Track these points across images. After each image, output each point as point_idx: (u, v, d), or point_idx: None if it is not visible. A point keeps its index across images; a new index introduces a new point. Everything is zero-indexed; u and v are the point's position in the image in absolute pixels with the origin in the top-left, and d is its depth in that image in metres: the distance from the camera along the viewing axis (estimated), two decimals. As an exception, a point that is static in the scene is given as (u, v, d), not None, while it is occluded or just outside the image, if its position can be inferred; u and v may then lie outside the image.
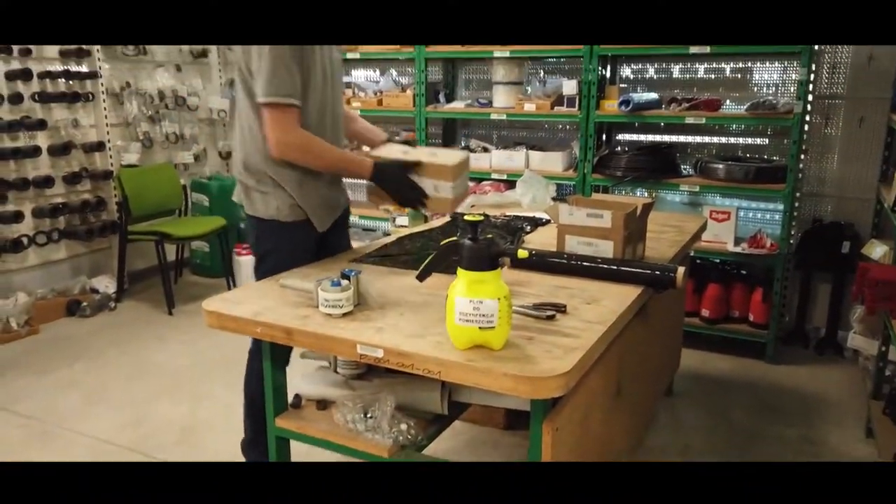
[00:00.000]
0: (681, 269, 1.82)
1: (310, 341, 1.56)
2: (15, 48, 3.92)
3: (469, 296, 1.38)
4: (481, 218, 1.43)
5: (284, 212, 2.09)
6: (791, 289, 3.69)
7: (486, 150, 4.09)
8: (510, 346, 1.45)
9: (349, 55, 4.31)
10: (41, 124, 4.04)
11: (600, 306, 1.70)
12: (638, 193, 3.92)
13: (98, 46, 4.36)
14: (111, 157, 4.51)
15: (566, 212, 2.02)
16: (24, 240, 4.06)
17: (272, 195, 2.09)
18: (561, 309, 1.65)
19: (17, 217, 3.98)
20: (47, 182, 4.11)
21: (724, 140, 3.83)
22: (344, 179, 2.30)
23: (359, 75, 4.88)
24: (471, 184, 3.99)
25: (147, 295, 4.59)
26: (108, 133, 4.48)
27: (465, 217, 1.44)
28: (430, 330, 1.54)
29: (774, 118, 3.35)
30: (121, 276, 4.48)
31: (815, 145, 3.63)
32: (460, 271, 1.41)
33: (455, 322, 1.40)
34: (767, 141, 3.73)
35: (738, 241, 3.53)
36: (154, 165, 4.77)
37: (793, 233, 3.48)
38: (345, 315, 1.62)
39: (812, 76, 3.31)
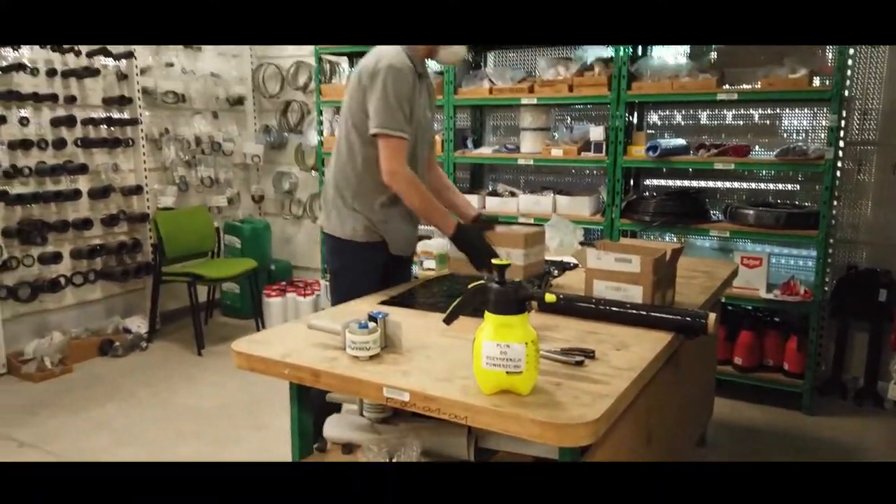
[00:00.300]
0: (712, 315, 1.80)
1: (336, 384, 1.56)
2: (61, 96, 4.10)
3: (496, 339, 1.38)
4: (508, 262, 1.44)
5: (360, 233, 2.34)
6: (827, 337, 3.60)
7: (513, 194, 4.12)
8: (538, 391, 1.43)
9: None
10: (83, 168, 4.19)
11: (630, 352, 1.68)
12: (667, 238, 3.90)
13: (140, 95, 4.53)
14: (148, 199, 4.64)
15: (594, 256, 2.02)
16: (62, 280, 4.17)
17: (353, 217, 2.34)
18: (590, 354, 1.63)
19: (56, 258, 4.10)
20: (86, 224, 4.24)
21: (753, 186, 3.81)
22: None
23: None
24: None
25: (178, 335, 4.65)
26: (146, 177, 4.62)
27: (493, 261, 1.44)
28: (456, 374, 1.53)
29: (805, 164, 3.33)
30: (153, 316, 4.55)
31: (847, 191, 3.58)
32: (487, 315, 1.41)
33: (482, 366, 1.39)
34: (798, 187, 3.69)
35: (770, 288, 3.47)
36: (189, 208, 4.89)
37: (827, 280, 3.41)
38: (372, 358, 1.63)
39: (843, 122, 3.30)
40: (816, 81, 3.40)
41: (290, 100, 5.31)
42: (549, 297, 1.57)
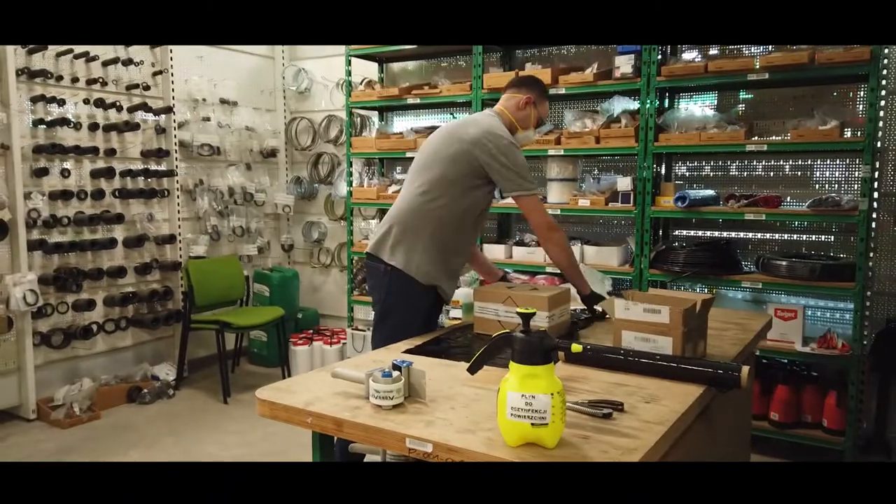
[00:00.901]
0: (745, 368, 1.74)
1: (359, 433, 1.54)
2: (101, 149, 4.25)
3: (521, 390, 1.35)
4: (534, 311, 1.42)
5: (423, 272, 2.45)
6: (867, 393, 3.46)
7: (539, 244, 4.10)
8: (564, 444, 1.39)
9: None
10: (119, 218, 4.30)
11: (660, 405, 1.63)
12: (697, 290, 3.83)
13: (177, 148, 4.68)
14: (181, 248, 4.73)
15: (622, 306, 1.98)
16: (94, 327, 4.24)
17: (421, 257, 2.44)
18: (618, 407, 1.59)
19: (90, 305, 4.18)
20: (120, 272, 4.33)
21: (785, 237, 3.74)
22: None
23: (417, 173, 5.05)
24: (525, 277, 4.01)
25: (205, 383, 4.66)
26: (179, 226, 4.73)
27: (518, 310, 1.43)
28: (480, 425, 1.50)
29: (839, 215, 3.27)
30: (181, 363, 4.58)
31: (884, 243, 3.50)
32: (512, 365, 1.38)
33: (507, 417, 1.36)
34: (832, 238, 3.62)
35: (806, 341, 3.37)
36: (220, 257, 4.97)
37: (865, 333, 3.31)
38: (395, 407, 1.60)
39: (876, 173, 3.25)
40: (847, 133, 3.37)
41: (322, 152, 5.43)
42: (576, 348, 1.55)
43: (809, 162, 3.66)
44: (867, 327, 3.39)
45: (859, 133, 3.35)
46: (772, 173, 3.76)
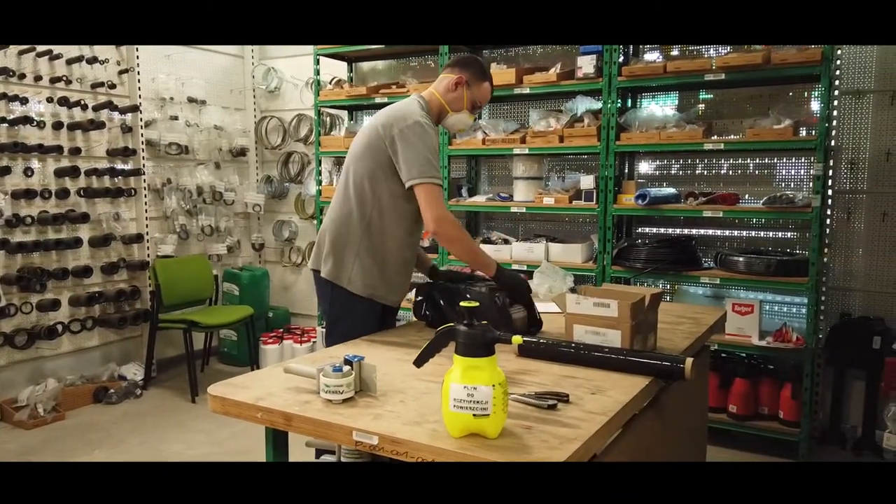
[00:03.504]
0: (689, 360, 1.80)
1: (308, 428, 1.56)
2: (66, 147, 4.21)
3: (463, 382, 1.38)
4: (477, 304, 1.46)
5: (359, 286, 2.33)
6: (823, 385, 3.56)
7: (506, 241, 4.16)
8: (506, 434, 1.43)
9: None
10: (84, 217, 4.27)
11: (605, 397, 1.68)
12: (659, 285, 3.91)
13: (144, 147, 4.65)
14: (148, 248, 4.70)
15: (574, 301, 2.03)
16: (59, 327, 4.20)
17: (353, 267, 2.33)
18: (563, 398, 1.63)
19: (55, 305, 4.14)
20: (86, 272, 4.29)
21: (746, 234, 3.83)
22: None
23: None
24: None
25: (173, 383, 4.64)
26: (147, 226, 4.70)
27: (462, 304, 1.46)
28: (427, 417, 1.53)
29: (792, 212, 3.35)
30: (149, 363, 4.56)
31: (839, 239, 3.60)
32: (456, 357, 1.42)
33: (450, 409, 1.40)
34: (790, 235, 3.72)
35: (762, 335, 3.46)
36: (188, 256, 4.95)
37: (821, 327, 3.40)
38: (345, 401, 1.63)
39: (830, 171, 3.34)
40: (803, 132, 3.46)
41: (292, 151, 5.43)
42: (517, 339, 1.58)
43: (767, 160, 3.75)
44: (822, 321, 3.49)
45: (813, 132, 3.44)
46: (732, 172, 3.85)
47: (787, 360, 3.50)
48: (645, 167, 4.10)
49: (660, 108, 3.85)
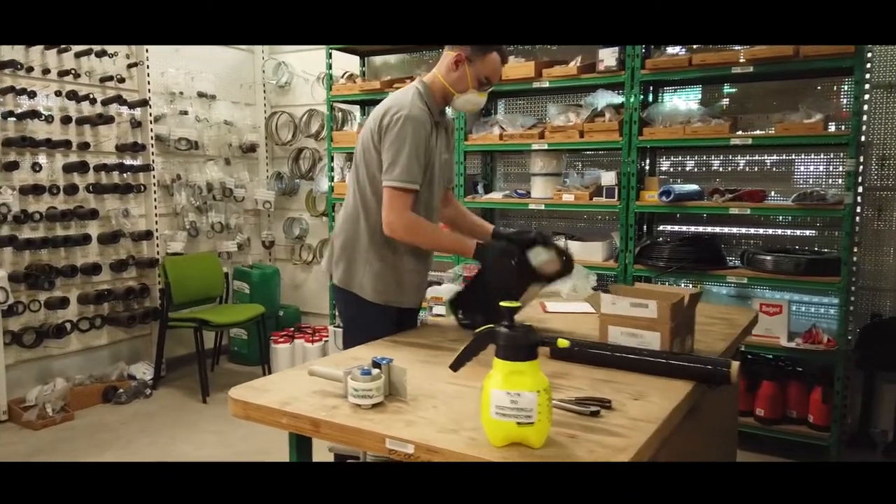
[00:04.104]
0: (735, 364, 1.70)
1: (337, 434, 1.47)
2: (74, 143, 4.13)
3: (506, 388, 1.29)
4: (519, 304, 1.37)
5: (368, 291, 2.24)
6: (853, 388, 3.46)
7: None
8: (551, 444, 1.34)
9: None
10: (93, 214, 4.19)
11: (648, 402, 1.59)
12: (682, 285, 3.80)
13: (153, 142, 4.57)
14: (158, 245, 4.62)
15: (609, 301, 1.93)
16: (68, 326, 4.12)
17: (363, 272, 2.24)
18: (606, 404, 1.54)
19: (63, 303, 4.06)
20: (95, 269, 4.21)
21: (768, 231, 3.73)
22: None
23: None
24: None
25: (183, 382, 4.56)
26: (156, 222, 4.62)
27: (502, 304, 1.37)
28: (463, 424, 1.44)
29: (824, 210, 3.25)
30: (158, 362, 4.48)
31: (868, 238, 3.49)
32: (496, 361, 1.33)
33: (491, 416, 1.30)
34: (816, 233, 3.61)
35: (791, 336, 3.35)
36: (198, 254, 4.87)
37: (850, 328, 3.30)
38: (374, 406, 1.54)
39: (860, 167, 3.23)
40: (832, 127, 3.35)
41: (302, 147, 5.34)
42: (562, 343, 1.49)
43: (793, 156, 3.64)
44: (852, 322, 3.38)
45: (843, 127, 3.34)
46: (755, 168, 3.74)
47: (816, 362, 3.40)
48: (664, 163, 4.00)
49: (683, 102, 3.74)
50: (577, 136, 3.73)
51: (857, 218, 3.41)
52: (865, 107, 3.38)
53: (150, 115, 4.56)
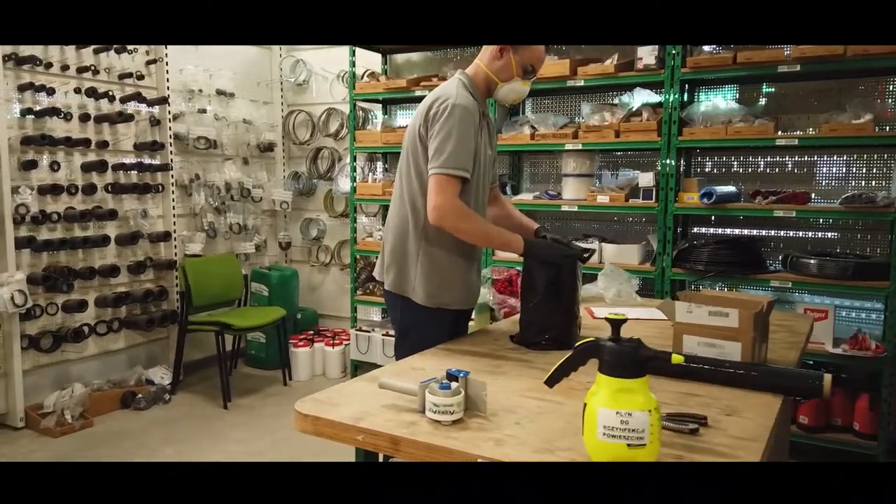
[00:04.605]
0: (827, 377, 1.61)
1: (420, 453, 1.37)
2: (93, 141, 4.01)
3: (615, 407, 1.19)
4: (625, 317, 1.27)
5: (420, 295, 2.16)
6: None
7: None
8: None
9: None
10: (112, 214, 4.08)
11: (744, 419, 1.49)
12: (718, 289, 3.71)
13: (172, 141, 4.46)
14: (175, 246, 4.52)
15: (685, 309, 1.84)
16: (85, 329, 4.01)
17: (414, 275, 2.16)
18: (702, 421, 1.44)
19: (81, 306, 3.95)
20: (113, 271, 4.11)
21: (809, 234, 3.64)
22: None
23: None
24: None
25: (202, 387, 4.46)
26: (174, 223, 4.51)
27: (607, 316, 1.27)
28: (555, 444, 1.35)
29: (873, 212, 3.16)
30: (177, 367, 4.37)
31: (913, 241, 3.40)
32: (602, 378, 1.23)
33: (598, 437, 1.21)
34: (859, 236, 3.52)
35: (836, 342, 3.26)
36: (217, 256, 4.76)
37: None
38: (455, 422, 1.44)
39: (908, 169, 3.15)
40: (879, 128, 3.27)
41: (321, 146, 5.24)
42: (677, 358, 1.38)
43: (835, 158, 3.55)
44: (896, 328, 3.29)
45: (888, 128, 3.25)
46: (796, 169, 3.65)
47: (861, 368, 3.31)
48: (700, 165, 3.91)
49: (724, 101, 3.65)
50: (613, 135, 3.63)
51: (903, 221, 3.32)
52: (913, 107, 3.30)
53: (169, 112, 4.45)
